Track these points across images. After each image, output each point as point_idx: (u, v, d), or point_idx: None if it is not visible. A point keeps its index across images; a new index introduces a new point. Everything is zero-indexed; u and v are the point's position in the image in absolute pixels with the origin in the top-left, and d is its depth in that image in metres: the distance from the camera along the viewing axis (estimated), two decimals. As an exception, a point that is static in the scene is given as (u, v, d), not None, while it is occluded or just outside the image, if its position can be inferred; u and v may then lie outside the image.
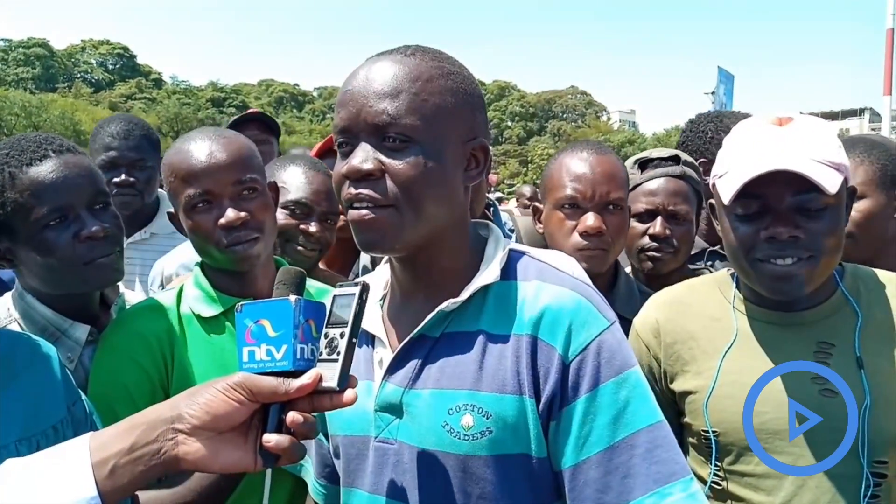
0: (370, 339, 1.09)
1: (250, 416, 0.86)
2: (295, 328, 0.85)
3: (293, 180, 1.85)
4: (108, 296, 1.58)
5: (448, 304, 1.00)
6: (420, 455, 0.99)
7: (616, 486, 0.94)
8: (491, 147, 1.08)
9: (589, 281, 1.08)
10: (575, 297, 1.00)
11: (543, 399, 0.96)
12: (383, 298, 1.12)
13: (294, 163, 1.91)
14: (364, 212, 0.96)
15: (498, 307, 1.01)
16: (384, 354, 1.06)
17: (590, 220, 1.63)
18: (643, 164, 1.90)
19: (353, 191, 0.96)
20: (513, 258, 1.07)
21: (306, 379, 0.84)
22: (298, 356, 0.85)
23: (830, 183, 1.18)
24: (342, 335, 0.86)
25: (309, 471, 1.24)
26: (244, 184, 1.39)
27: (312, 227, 1.83)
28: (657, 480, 0.93)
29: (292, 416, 0.84)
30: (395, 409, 1.02)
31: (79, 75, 78.06)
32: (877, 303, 1.31)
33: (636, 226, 1.84)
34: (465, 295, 1.01)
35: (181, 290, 1.47)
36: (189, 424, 0.83)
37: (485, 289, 1.02)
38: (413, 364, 1.02)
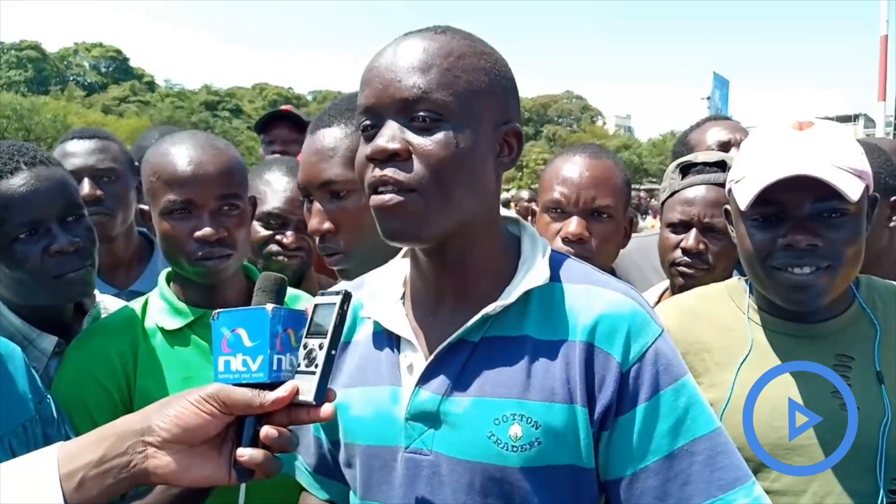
0: (395, 342, 1.02)
1: (225, 428, 0.83)
2: (272, 338, 0.82)
3: (266, 189, 1.79)
4: (84, 303, 1.55)
5: (494, 308, 0.95)
6: (461, 467, 0.93)
7: (675, 493, 0.92)
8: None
9: None
10: (630, 304, 0.96)
11: (599, 409, 0.93)
12: (403, 296, 1.05)
13: (269, 170, 1.85)
14: (388, 196, 0.90)
15: (544, 311, 0.97)
16: (414, 359, 0.99)
17: (571, 225, 1.58)
18: (685, 169, 1.75)
19: (377, 173, 0.90)
20: (555, 259, 1.01)
21: (282, 392, 0.81)
22: (275, 367, 0.82)
23: (853, 190, 1.15)
24: (321, 346, 0.82)
25: (301, 468, 1.17)
26: (227, 199, 1.36)
27: (288, 238, 1.77)
28: (720, 487, 0.92)
29: (265, 431, 0.81)
30: (430, 418, 0.96)
31: (71, 78, 77.90)
32: (893, 315, 1.28)
33: (670, 237, 1.71)
34: (511, 297, 0.95)
35: (146, 302, 1.44)
36: (159, 437, 0.80)
37: (528, 291, 0.96)
38: (451, 370, 0.96)
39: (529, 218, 1.86)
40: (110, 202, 2.03)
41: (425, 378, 0.97)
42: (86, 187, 1.98)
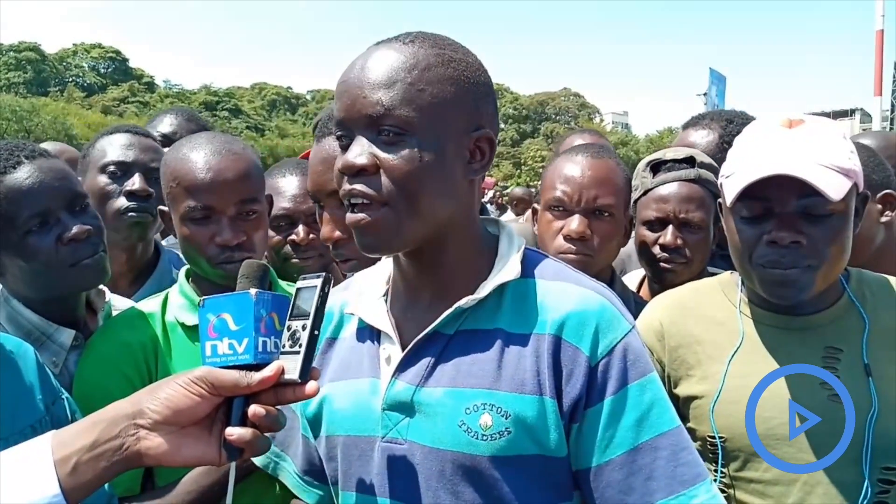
0: (375, 336, 1.06)
1: (214, 410, 0.86)
2: (256, 321, 0.85)
3: (270, 194, 1.77)
4: (95, 302, 1.57)
5: (467, 301, 0.98)
6: (432, 455, 0.96)
7: (639, 487, 0.94)
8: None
9: None
10: (599, 300, 0.99)
11: (567, 401, 0.95)
12: (386, 294, 1.09)
13: (269, 176, 1.84)
14: (360, 215, 0.94)
15: (516, 305, 0.99)
16: (392, 351, 1.03)
17: (574, 223, 1.61)
18: (655, 167, 1.79)
19: (347, 187, 0.95)
20: (528, 256, 1.05)
21: (268, 371, 0.84)
22: (260, 349, 0.85)
23: (835, 189, 1.16)
24: (304, 327, 0.85)
25: (287, 470, 1.19)
26: (245, 204, 1.40)
27: (299, 235, 1.77)
28: (683, 483, 0.94)
29: (254, 409, 0.84)
30: (405, 408, 0.99)
31: (71, 79, 77.55)
32: (882, 308, 1.30)
33: (647, 234, 1.76)
34: (484, 291, 0.99)
35: (166, 297, 1.47)
36: (150, 419, 0.83)
37: (502, 286, 1.00)
38: (426, 361, 0.99)
39: (529, 214, 1.88)
40: (156, 203, 1.83)
41: (401, 369, 1.00)
42: (137, 181, 1.87)
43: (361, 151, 0.93)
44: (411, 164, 0.92)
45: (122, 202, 1.86)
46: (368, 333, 1.07)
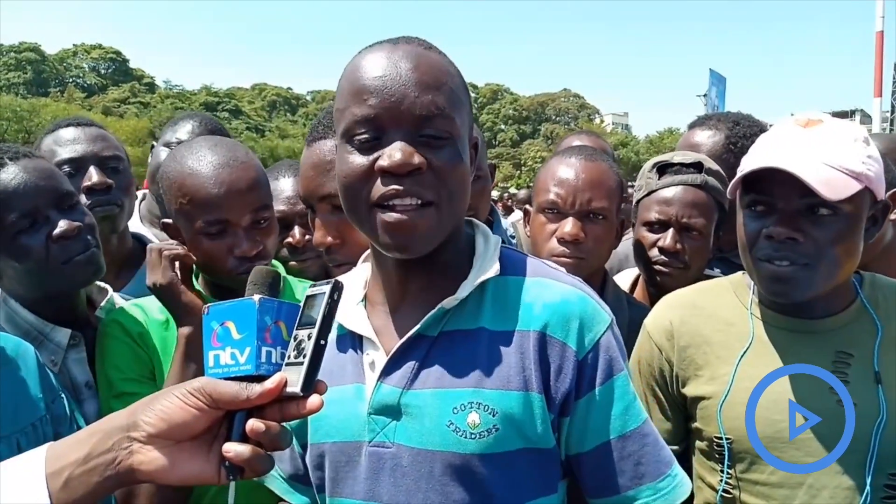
0: (358, 342, 1.06)
1: (217, 425, 0.81)
2: (260, 330, 0.80)
3: None
4: (96, 299, 1.57)
5: (449, 301, 0.98)
6: (421, 457, 0.97)
7: (629, 470, 1.00)
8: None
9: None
10: (579, 294, 1.01)
11: (558, 395, 0.98)
12: (364, 299, 1.09)
13: None
14: (406, 215, 0.92)
15: (498, 304, 1.01)
16: (376, 356, 1.02)
17: (568, 226, 1.60)
18: (662, 169, 1.76)
19: (395, 187, 0.91)
20: (506, 255, 1.06)
21: (269, 384, 0.78)
22: (263, 359, 0.79)
23: (832, 189, 1.14)
24: (310, 336, 0.79)
25: (273, 475, 1.17)
26: (259, 212, 1.38)
27: (296, 236, 1.74)
28: (666, 464, 1.02)
29: (251, 424, 0.77)
30: (392, 411, 0.99)
31: (71, 80, 77.66)
32: (895, 314, 1.28)
33: (647, 235, 1.73)
34: (466, 290, 0.99)
35: None
36: (144, 432, 0.78)
37: (482, 286, 1.01)
38: (411, 364, 0.99)
39: (524, 218, 1.87)
40: (119, 193, 1.85)
41: (387, 372, 1.00)
42: (94, 175, 1.79)
43: (410, 150, 0.91)
44: (457, 165, 0.95)
45: (82, 200, 1.72)
46: (350, 340, 1.07)
